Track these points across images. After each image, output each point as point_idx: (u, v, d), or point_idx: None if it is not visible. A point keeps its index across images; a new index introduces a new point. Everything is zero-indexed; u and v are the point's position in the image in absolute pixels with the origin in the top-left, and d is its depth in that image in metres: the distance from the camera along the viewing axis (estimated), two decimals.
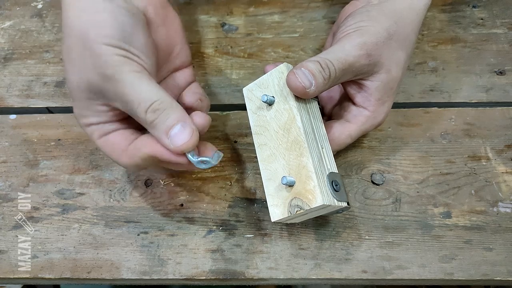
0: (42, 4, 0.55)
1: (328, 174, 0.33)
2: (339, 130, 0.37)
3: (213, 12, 0.54)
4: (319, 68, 0.33)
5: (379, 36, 0.35)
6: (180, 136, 0.30)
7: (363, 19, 0.36)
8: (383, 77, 0.36)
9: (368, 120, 0.37)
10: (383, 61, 0.35)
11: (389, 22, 0.36)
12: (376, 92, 0.36)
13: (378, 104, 0.36)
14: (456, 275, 0.36)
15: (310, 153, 0.32)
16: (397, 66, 0.36)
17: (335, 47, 0.35)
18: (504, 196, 0.40)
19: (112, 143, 0.33)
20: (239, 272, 0.37)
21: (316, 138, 0.34)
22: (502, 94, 0.46)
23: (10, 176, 0.43)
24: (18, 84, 0.48)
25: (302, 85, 0.33)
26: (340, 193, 0.33)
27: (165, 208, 0.40)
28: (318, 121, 0.36)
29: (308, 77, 0.33)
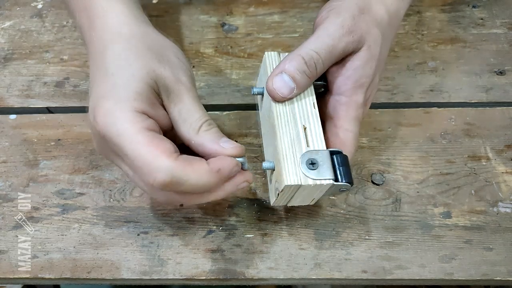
0: (42, 4, 0.55)
1: (304, 153, 0.32)
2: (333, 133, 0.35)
3: (213, 12, 0.54)
4: (302, 67, 0.33)
5: (352, 10, 0.34)
6: (231, 144, 0.32)
7: (334, 1, 0.36)
8: (364, 54, 0.34)
9: (349, 107, 0.35)
10: (364, 35, 0.34)
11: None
12: (355, 73, 0.34)
13: (356, 87, 0.34)
14: (456, 275, 0.36)
15: (280, 135, 0.33)
16: (374, 43, 0.35)
17: (319, 33, 0.34)
18: (504, 196, 0.40)
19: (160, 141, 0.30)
20: (239, 272, 0.37)
21: (297, 118, 0.34)
22: (502, 94, 0.46)
23: (10, 176, 0.43)
24: (18, 84, 0.48)
25: (280, 96, 0.34)
26: (320, 171, 0.32)
27: (165, 208, 0.40)
28: (306, 99, 0.35)
29: (287, 84, 0.33)
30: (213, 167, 0.30)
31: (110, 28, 0.34)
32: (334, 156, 0.33)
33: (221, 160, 0.31)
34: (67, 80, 0.49)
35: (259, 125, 0.38)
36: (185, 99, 0.33)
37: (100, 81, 0.32)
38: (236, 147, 0.32)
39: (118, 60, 0.32)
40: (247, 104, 0.46)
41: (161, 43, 0.35)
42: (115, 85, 0.31)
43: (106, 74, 0.32)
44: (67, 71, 0.49)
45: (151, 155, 0.29)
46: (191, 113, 0.32)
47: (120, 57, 0.32)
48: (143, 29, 0.35)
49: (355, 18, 0.34)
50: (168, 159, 0.29)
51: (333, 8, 0.35)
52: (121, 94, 0.31)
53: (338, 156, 0.33)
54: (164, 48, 0.34)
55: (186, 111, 0.32)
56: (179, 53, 0.35)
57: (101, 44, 0.33)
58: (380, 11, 0.36)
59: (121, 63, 0.32)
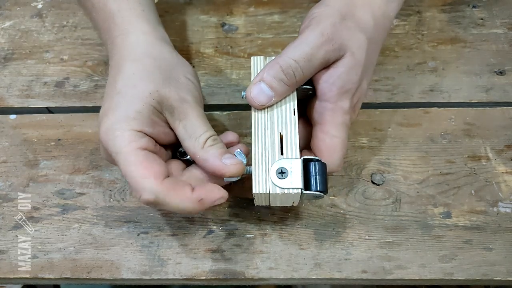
0: (42, 4, 0.55)
1: (276, 161, 0.33)
2: (320, 138, 0.35)
3: (213, 12, 0.54)
4: (279, 75, 0.34)
5: (333, 17, 0.34)
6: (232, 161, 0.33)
7: (316, 7, 0.36)
8: (347, 61, 0.34)
9: (335, 113, 0.35)
10: (346, 43, 0.34)
11: (338, 3, 0.35)
12: (339, 80, 0.34)
13: (341, 93, 0.34)
14: (456, 275, 0.36)
15: (255, 142, 0.34)
16: (359, 48, 0.35)
17: (299, 41, 0.34)
18: (504, 196, 0.40)
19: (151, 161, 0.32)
20: (239, 272, 0.37)
21: (275, 125, 0.34)
22: (502, 94, 0.46)
23: (10, 176, 0.43)
24: (18, 84, 0.48)
25: (258, 104, 0.34)
26: (290, 180, 0.32)
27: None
28: (287, 106, 0.35)
29: (265, 93, 0.34)
30: (196, 196, 0.32)
31: (127, 48, 0.36)
32: (310, 163, 0.33)
33: (207, 191, 0.33)
34: (67, 80, 0.49)
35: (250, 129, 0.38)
36: (189, 116, 0.34)
37: (109, 96, 0.35)
38: (236, 164, 0.33)
39: (127, 79, 0.34)
40: (247, 104, 0.46)
41: (173, 62, 0.37)
42: (118, 104, 0.34)
43: (114, 91, 0.34)
44: (67, 71, 0.49)
45: (140, 175, 0.31)
46: (195, 128, 0.34)
47: (129, 77, 0.35)
48: (158, 48, 0.37)
49: (335, 25, 0.34)
50: (155, 181, 0.31)
51: (314, 16, 0.35)
52: (122, 113, 0.33)
53: (315, 164, 0.33)
54: (174, 68, 0.36)
55: (191, 126, 0.34)
56: (189, 73, 0.37)
57: (118, 62, 0.36)
58: (364, 15, 0.36)
59: (128, 83, 0.34)
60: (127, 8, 0.38)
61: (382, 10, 0.37)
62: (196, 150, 0.34)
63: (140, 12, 0.38)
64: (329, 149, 0.35)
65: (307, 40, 0.34)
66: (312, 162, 0.33)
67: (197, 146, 0.34)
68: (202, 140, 0.34)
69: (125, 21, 0.37)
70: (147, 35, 0.37)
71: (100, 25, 0.39)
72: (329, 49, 0.34)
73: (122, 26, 0.37)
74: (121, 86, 0.34)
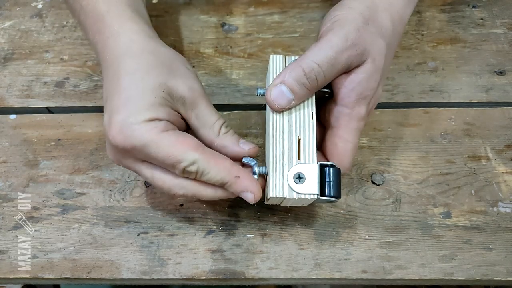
0: (42, 4, 0.55)
1: (294, 166, 0.33)
2: (332, 142, 0.35)
3: (213, 12, 0.54)
4: (301, 79, 0.33)
5: (357, 21, 0.34)
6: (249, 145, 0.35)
7: (338, 9, 0.36)
8: (368, 67, 0.34)
9: (351, 118, 0.35)
10: (369, 48, 0.34)
11: (361, 6, 0.35)
12: (359, 86, 0.34)
13: (359, 99, 0.34)
14: (456, 275, 0.36)
15: (273, 146, 0.34)
16: (379, 54, 0.35)
17: (322, 44, 0.34)
18: (504, 196, 0.40)
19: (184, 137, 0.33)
20: (239, 272, 0.37)
21: (293, 129, 0.34)
22: (502, 94, 0.46)
23: (10, 176, 0.43)
24: (18, 84, 0.48)
25: (277, 107, 0.34)
26: (306, 185, 0.32)
27: (165, 208, 0.40)
28: (305, 109, 0.35)
29: (286, 95, 0.34)
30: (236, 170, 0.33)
31: (122, 47, 0.35)
32: (326, 168, 0.33)
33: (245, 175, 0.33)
34: (67, 80, 0.49)
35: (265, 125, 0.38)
36: (200, 105, 0.35)
37: (113, 96, 0.33)
38: (254, 147, 0.35)
39: (131, 75, 0.34)
40: (247, 104, 0.46)
41: (170, 56, 0.36)
42: (129, 99, 0.33)
43: (119, 89, 0.33)
44: (67, 71, 0.49)
45: (180, 152, 0.32)
46: (208, 117, 0.35)
47: (133, 72, 0.34)
48: (153, 45, 0.36)
49: (359, 30, 0.34)
50: (195, 151, 0.32)
51: (337, 19, 0.35)
52: (134, 106, 0.32)
53: (330, 169, 0.33)
54: (173, 60, 0.36)
55: (203, 115, 0.35)
56: (187, 63, 0.37)
57: (114, 62, 0.35)
58: (385, 20, 0.36)
59: (133, 77, 0.33)
60: (117, 10, 0.37)
61: (400, 14, 0.37)
62: (212, 138, 0.35)
63: (130, 13, 0.38)
64: (341, 153, 0.35)
65: (331, 44, 0.33)
66: (327, 168, 0.33)
67: (213, 134, 0.35)
68: (216, 128, 0.35)
69: (115, 22, 0.37)
70: (139, 34, 0.36)
71: (89, 27, 0.38)
72: (353, 54, 0.33)
73: (113, 27, 0.36)
74: (127, 82, 0.33)
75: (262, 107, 0.38)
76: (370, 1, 0.36)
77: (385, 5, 0.36)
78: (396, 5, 0.37)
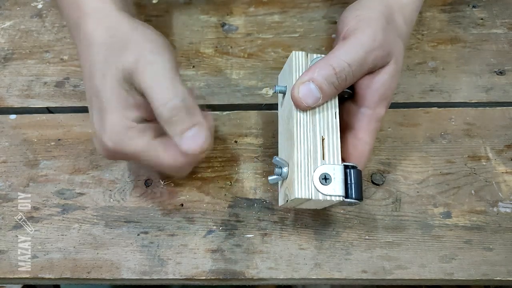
0: (42, 4, 0.55)
1: (319, 166, 0.32)
2: (352, 144, 0.35)
3: (213, 12, 0.54)
4: (331, 78, 0.32)
5: (381, 21, 0.34)
6: (194, 141, 0.32)
7: (358, 8, 0.35)
8: (392, 68, 0.34)
9: (372, 118, 0.35)
10: (393, 49, 0.34)
11: (380, 6, 0.35)
12: (382, 86, 0.34)
13: (381, 100, 0.34)
14: (456, 275, 0.36)
15: (298, 145, 0.33)
16: (400, 55, 0.35)
17: (352, 43, 0.33)
18: (504, 196, 0.40)
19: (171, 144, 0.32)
20: (239, 272, 0.37)
21: (317, 128, 0.34)
22: (502, 94, 0.46)
23: (10, 176, 0.43)
24: (18, 84, 0.48)
25: (304, 105, 0.33)
26: (332, 186, 0.32)
27: (165, 208, 0.40)
28: (329, 108, 0.34)
29: (314, 94, 0.32)
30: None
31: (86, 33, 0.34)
32: (347, 170, 0.33)
33: None
34: (67, 80, 0.49)
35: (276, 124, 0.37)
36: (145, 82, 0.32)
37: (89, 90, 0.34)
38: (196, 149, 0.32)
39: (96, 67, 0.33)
40: (247, 104, 0.46)
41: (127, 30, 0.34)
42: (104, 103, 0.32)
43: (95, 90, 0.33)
44: (67, 71, 0.49)
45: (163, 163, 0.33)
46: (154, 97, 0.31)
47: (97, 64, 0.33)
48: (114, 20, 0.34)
49: (385, 30, 0.33)
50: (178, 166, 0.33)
51: (362, 18, 0.34)
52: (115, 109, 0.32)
53: (352, 170, 0.32)
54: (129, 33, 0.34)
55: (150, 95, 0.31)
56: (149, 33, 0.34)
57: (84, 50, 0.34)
58: (400, 20, 0.36)
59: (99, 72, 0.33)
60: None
61: (410, 17, 0.38)
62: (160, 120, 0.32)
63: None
64: (360, 155, 0.35)
65: (361, 43, 0.33)
66: (349, 169, 0.32)
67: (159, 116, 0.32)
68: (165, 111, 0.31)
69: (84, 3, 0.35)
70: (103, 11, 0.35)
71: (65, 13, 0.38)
72: (379, 55, 0.33)
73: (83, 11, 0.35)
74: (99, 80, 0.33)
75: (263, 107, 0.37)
76: (385, 3, 0.36)
77: (398, 6, 0.37)
78: (407, 7, 0.37)
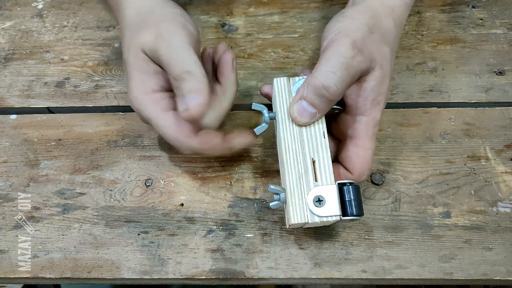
0: (43, 4, 0.56)
1: (312, 189, 0.33)
2: (353, 152, 0.36)
3: (213, 13, 0.54)
4: (320, 91, 0.33)
5: (362, 31, 0.35)
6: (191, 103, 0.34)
7: (340, 20, 0.36)
8: (378, 74, 0.35)
9: (369, 124, 0.35)
10: (375, 56, 0.35)
11: (365, 17, 0.36)
12: (372, 92, 0.35)
13: (374, 105, 0.35)
14: (456, 274, 0.37)
15: (288, 171, 0.34)
16: (385, 60, 0.35)
17: (329, 54, 0.34)
18: (503, 196, 0.40)
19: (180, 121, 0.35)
20: (239, 272, 0.37)
21: (306, 151, 0.34)
22: (502, 94, 0.46)
23: (10, 176, 0.43)
24: (18, 84, 0.49)
25: (303, 122, 0.34)
26: (327, 207, 0.32)
27: (165, 208, 0.40)
28: (316, 129, 0.35)
29: (308, 110, 0.34)
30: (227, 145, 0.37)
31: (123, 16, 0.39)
32: (344, 187, 0.33)
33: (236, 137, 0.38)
34: (67, 80, 0.49)
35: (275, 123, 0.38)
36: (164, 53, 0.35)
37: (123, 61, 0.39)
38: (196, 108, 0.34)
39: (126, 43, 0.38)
40: (247, 104, 0.46)
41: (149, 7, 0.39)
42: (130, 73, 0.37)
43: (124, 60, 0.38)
44: (67, 71, 0.49)
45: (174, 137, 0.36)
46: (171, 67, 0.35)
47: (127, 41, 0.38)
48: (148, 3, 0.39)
49: (365, 39, 0.34)
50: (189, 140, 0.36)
51: (341, 31, 0.35)
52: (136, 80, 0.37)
53: (349, 187, 0.33)
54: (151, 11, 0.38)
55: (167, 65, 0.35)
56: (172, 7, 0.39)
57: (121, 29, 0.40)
58: (389, 25, 0.37)
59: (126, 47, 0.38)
60: None
61: (400, 19, 0.38)
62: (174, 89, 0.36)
63: None
64: (363, 161, 0.35)
65: (339, 52, 0.34)
66: (346, 186, 0.33)
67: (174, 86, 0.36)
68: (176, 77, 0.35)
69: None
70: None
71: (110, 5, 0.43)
72: (361, 59, 0.34)
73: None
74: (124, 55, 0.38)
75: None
76: (372, 11, 0.37)
77: (387, 12, 0.37)
78: (397, 10, 0.38)
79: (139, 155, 0.43)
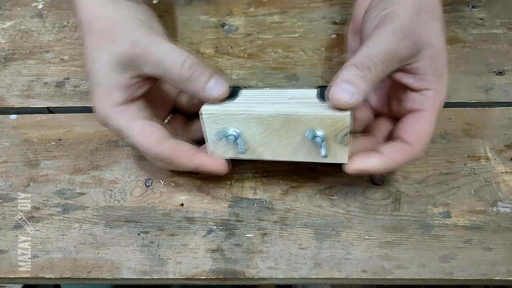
0: (43, 4, 0.56)
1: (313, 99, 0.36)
2: (417, 124, 0.35)
3: (213, 13, 0.54)
4: (357, 73, 0.33)
5: (408, 15, 0.34)
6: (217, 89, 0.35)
7: (385, 6, 0.36)
8: (428, 52, 0.34)
9: (436, 97, 0.35)
10: (423, 38, 0.34)
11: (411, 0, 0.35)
12: (428, 69, 0.35)
13: (436, 79, 0.35)
14: (456, 274, 0.36)
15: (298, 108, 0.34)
16: (437, 37, 0.35)
17: (372, 40, 0.34)
18: (503, 196, 0.40)
19: (149, 129, 0.36)
20: (239, 272, 0.37)
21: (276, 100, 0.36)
22: (502, 94, 0.46)
23: (10, 176, 0.43)
24: (18, 84, 0.49)
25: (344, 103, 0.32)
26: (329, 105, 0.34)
27: (165, 208, 0.40)
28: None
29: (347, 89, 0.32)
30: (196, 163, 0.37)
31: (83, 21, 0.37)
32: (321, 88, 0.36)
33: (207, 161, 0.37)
34: (67, 80, 0.49)
35: None
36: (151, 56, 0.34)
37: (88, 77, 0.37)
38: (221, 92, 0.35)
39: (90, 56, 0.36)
40: None
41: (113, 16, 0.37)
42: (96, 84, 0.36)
43: (88, 69, 0.36)
44: (67, 71, 0.49)
45: (143, 145, 0.35)
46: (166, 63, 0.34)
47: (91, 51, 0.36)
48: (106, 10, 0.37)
49: (412, 22, 0.34)
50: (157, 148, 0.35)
51: (386, 16, 0.35)
52: (103, 91, 0.36)
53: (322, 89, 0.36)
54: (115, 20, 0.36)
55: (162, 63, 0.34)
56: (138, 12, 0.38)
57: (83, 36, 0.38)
58: (435, 2, 0.36)
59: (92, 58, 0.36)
60: None
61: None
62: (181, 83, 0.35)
63: None
64: (426, 134, 0.35)
65: (381, 38, 0.34)
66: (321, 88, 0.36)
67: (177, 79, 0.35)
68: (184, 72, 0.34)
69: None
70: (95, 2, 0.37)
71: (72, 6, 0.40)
72: (405, 45, 0.33)
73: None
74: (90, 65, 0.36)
75: None
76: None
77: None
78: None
79: (139, 155, 0.43)
